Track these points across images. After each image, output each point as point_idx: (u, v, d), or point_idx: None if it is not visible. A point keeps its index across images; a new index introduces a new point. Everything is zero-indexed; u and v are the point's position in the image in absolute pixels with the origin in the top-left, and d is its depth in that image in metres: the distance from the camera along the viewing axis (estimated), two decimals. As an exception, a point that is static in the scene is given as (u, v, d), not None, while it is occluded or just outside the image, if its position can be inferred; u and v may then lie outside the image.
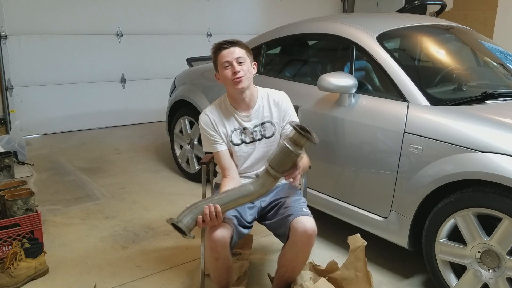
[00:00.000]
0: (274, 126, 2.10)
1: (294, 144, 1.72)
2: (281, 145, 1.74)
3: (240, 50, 2.00)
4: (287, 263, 1.98)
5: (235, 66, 1.97)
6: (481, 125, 2.03)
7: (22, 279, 2.27)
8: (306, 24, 3.10)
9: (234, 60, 1.97)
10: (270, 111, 2.10)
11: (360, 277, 2.03)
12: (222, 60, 1.99)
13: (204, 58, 4.29)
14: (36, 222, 2.47)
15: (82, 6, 4.96)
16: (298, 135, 1.71)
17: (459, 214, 2.02)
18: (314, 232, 1.86)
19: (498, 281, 1.95)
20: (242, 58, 1.99)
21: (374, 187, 2.41)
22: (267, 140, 2.10)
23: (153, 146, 4.74)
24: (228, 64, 1.98)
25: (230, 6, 6.09)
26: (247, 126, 2.08)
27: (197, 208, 1.76)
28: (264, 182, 1.79)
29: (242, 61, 1.99)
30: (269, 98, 2.12)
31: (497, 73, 2.90)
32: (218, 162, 2.10)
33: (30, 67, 4.78)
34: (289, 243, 1.91)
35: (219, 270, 1.96)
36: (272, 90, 2.16)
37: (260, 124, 2.09)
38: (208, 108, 2.13)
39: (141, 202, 3.33)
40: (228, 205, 1.80)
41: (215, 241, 1.82)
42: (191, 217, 1.75)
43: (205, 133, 2.08)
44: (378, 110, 2.42)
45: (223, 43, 2.00)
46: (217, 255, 1.86)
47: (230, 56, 1.98)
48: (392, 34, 2.77)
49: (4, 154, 3.42)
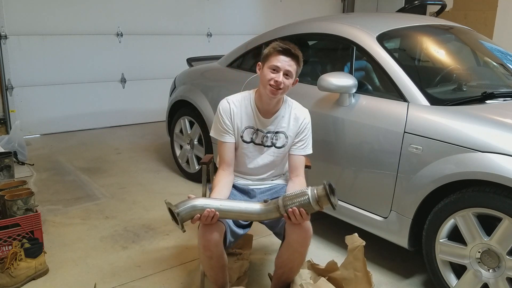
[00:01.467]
0: (287, 139, 2.09)
1: (316, 200, 1.72)
2: (304, 194, 1.73)
3: (295, 65, 1.96)
4: (284, 264, 1.98)
5: (280, 75, 1.93)
6: (481, 125, 2.03)
7: (22, 279, 2.27)
8: (306, 24, 3.10)
9: (283, 70, 1.93)
10: (288, 124, 2.08)
11: (359, 277, 2.03)
12: (273, 62, 1.94)
13: (204, 58, 4.30)
14: (36, 222, 2.47)
15: (82, 6, 4.96)
16: (325, 197, 1.71)
17: (459, 214, 2.02)
18: (309, 232, 1.85)
19: (498, 281, 1.95)
20: (291, 73, 1.96)
21: (374, 187, 2.41)
22: (276, 149, 2.10)
23: (153, 146, 4.74)
24: (276, 69, 1.94)
25: (230, 6, 6.09)
26: (261, 129, 2.07)
27: (199, 209, 1.75)
28: (269, 212, 1.78)
29: (289, 76, 1.96)
30: (291, 110, 2.09)
31: (497, 73, 2.90)
32: (221, 153, 2.08)
33: (30, 67, 4.78)
34: (285, 244, 1.91)
35: (214, 268, 1.95)
36: (298, 104, 2.13)
37: (274, 132, 2.08)
38: (232, 97, 2.09)
39: (141, 202, 3.33)
40: (228, 214, 1.79)
41: (208, 240, 1.81)
42: (190, 214, 1.74)
43: (220, 120, 2.05)
44: (378, 110, 2.42)
45: (287, 49, 1.94)
46: (210, 253, 1.86)
47: (283, 64, 1.93)
48: (392, 34, 2.77)
49: (4, 154, 3.41)
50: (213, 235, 1.81)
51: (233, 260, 2.36)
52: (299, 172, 2.09)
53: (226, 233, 1.88)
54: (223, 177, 2.03)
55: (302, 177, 2.10)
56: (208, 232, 1.80)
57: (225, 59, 3.64)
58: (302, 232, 1.83)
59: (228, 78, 3.46)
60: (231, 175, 2.07)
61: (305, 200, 1.73)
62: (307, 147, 2.12)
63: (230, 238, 1.93)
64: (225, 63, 3.59)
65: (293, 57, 1.96)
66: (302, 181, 2.07)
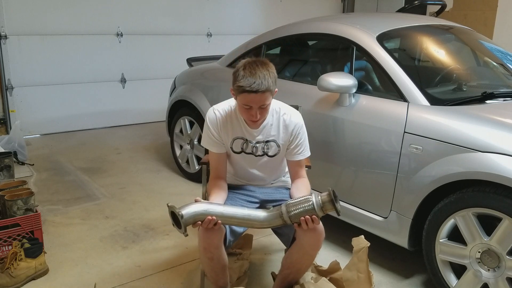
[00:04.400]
0: (279, 147, 2.01)
1: (320, 206, 1.71)
2: (308, 200, 1.72)
3: (267, 96, 1.81)
4: (292, 265, 1.96)
5: (255, 112, 1.82)
6: (481, 125, 2.03)
7: (22, 279, 2.27)
8: (306, 24, 3.10)
9: (257, 107, 1.82)
10: (278, 132, 1.98)
11: (362, 278, 2.03)
12: (244, 101, 1.81)
13: (204, 58, 4.30)
14: (36, 222, 2.47)
15: (82, 6, 4.96)
16: (329, 203, 1.70)
17: (459, 214, 2.02)
18: (322, 236, 1.83)
19: (498, 281, 1.95)
20: (266, 104, 1.82)
21: (374, 187, 2.41)
22: (269, 158, 2.03)
23: (153, 146, 4.74)
24: (249, 107, 1.82)
25: (230, 6, 6.08)
26: (250, 140, 1.99)
27: (202, 215, 1.72)
28: (272, 220, 1.77)
29: (266, 104, 1.82)
30: (280, 117, 1.98)
31: (497, 73, 2.90)
32: (211, 163, 2.05)
33: (30, 67, 4.78)
34: (296, 245, 1.88)
35: (214, 269, 1.94)
36: (286, 108, 2.01)
37: (264, 141, 1.99)
38: (218, 106, 2.02)
39: (141, 202, 3.33)
40: (231, 221, 1.78)
41: (209, 242, 1.80)
42: (193, 219, 1.72)
43: (208, 131, 1.99)
44: (378, 110, 2.42)
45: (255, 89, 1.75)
46: (210, 255, 1.85)
47: (254, 103, 1.80)
48: (392, 34, 2.77)
49: (4, 154, 3.42)
50: (213, 237, 1.80)
51: (233, 260, 2.36)
52: (300, 174, 2.05)
53: (225, 233, 1.88)
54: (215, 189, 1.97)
55: (305, 177, 2.06)
56: (208, 234, 1.79)
57: (225, 59, 3.64)
58: (316, 235, 1.80)
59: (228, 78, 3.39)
60: (222, 185, 2.01)
61: (309, 206, 1.71)
62: (304, 151, 2.03)
63: (230, 238, 1.92)
64: (225, 63, 3.59)
65: (262, 92, 1.77)
66: (305, 182, 2.03)
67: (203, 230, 1.79)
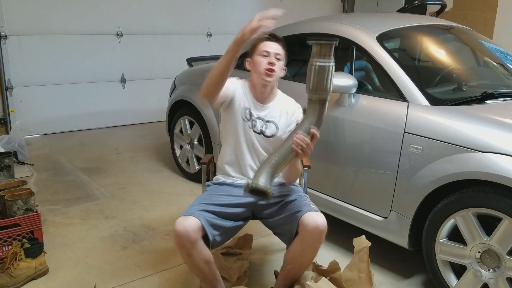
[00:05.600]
0: (277, 129, 2.11)
1: (320, 56, 1.79)
2: (310, 66, 1.81)
3: (282, 49, 2.08)
4: (295, 260, 1.95)
5: (272, 58, 2.03)
6: (481, 125, 2.03)
7: (22, 279, 2.27)
8: (306, 24, 3.10)
9: (273, 54, 2.04)
10: (280, 115, 2.13)
11: (363, 278, 2.03)
12: (263, 48, 2.05)
13: (204, 58, 4.30)
14: (36, 222, 2.47)
15: (82, 6, 4.97)
16: (318, 46, 1.78)
17: (459, 214, 2.02)
18: (325, 228, 1.85)
19: (498, 281, 1.95)
20: (280, 56, 2.07)
21: (374, 187, 2.41)
22: (265, 138, 2.10)
23: (153, 146, 4.74)
24: (267, 54, 2.04)
25: (230, 6, 6.09)
26: (253, 113, 2.11)
27: (269, 167, 1.77)
28: (313, 111, 1.86)
29: (280, 58, 2.07)
30: (284, 104, 2.16)
31: (497, 73, 2.90)
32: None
33: (30, 67, 4.79)
34: (298, 239, 1.89)
35: (197, 266, 1.89)
36: (291, 100, 2.20)
37: (265, 120, 2.11)
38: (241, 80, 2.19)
39: (141, 202, 3.33)
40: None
41: (179, 236, 1.78)
42: (267, 177, 1.75)
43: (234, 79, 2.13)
44: (378, 110, 2.42)
45: (273, 34, 2.07)
46: (186, 250, 1.81)
47: (272, 48, 2.05)
48: (392, 34, 2.77)
49: (4, 154, 3.42)
50: (183, 228, 1.77)
51: (233, 260, 2.36)
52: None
53: (204, 228, 1.84)
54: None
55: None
56: (178, 228, 1.78)
57: (225, 59, 3.63)
58: (319, 226, 1.83)
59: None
60: None
61: (316, 67, 1.82)
62: None
63: (213, 232, 1.88)
64: (225, 63, 3.58)
65: (279, 41, 2.09)
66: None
67: (176, 226, 1.78)
